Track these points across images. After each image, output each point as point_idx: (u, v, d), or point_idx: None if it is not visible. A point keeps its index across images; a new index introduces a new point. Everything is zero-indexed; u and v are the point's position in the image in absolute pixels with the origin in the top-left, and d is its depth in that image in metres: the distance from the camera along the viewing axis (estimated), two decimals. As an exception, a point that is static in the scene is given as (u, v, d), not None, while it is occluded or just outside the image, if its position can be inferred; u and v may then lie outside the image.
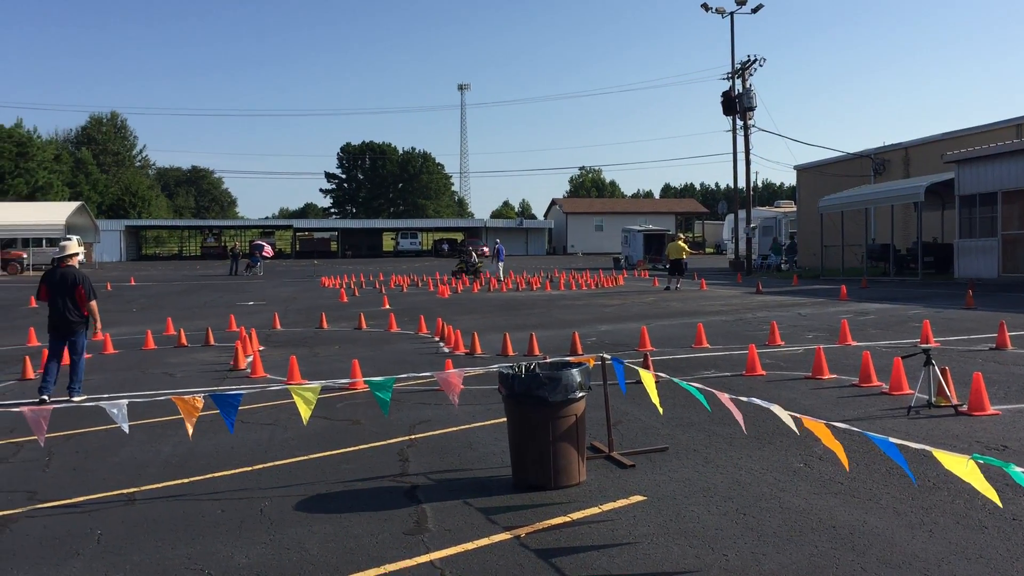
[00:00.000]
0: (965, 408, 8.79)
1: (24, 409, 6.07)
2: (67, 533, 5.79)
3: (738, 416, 6.02)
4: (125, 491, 6.78)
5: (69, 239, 11.57)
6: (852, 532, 5.40)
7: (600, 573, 4.88)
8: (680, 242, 32.39)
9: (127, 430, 6.24)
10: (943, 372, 9.05)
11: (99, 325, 11.14)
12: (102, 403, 6.13)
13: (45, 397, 10.24)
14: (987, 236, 30.42)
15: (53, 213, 55.07)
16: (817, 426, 5.31)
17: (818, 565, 4.88)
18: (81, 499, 6.58)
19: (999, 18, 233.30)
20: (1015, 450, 7.33)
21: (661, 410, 8.03)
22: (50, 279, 10.79)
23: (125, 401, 6.07)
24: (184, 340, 16.40)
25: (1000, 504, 4.89)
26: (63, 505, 6.45)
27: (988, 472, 4.43)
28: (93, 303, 10.91)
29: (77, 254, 11.16)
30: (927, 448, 4.75)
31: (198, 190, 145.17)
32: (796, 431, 5.91)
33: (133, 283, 40.89)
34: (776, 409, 5.68)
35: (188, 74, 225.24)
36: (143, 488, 6.85)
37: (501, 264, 39.73)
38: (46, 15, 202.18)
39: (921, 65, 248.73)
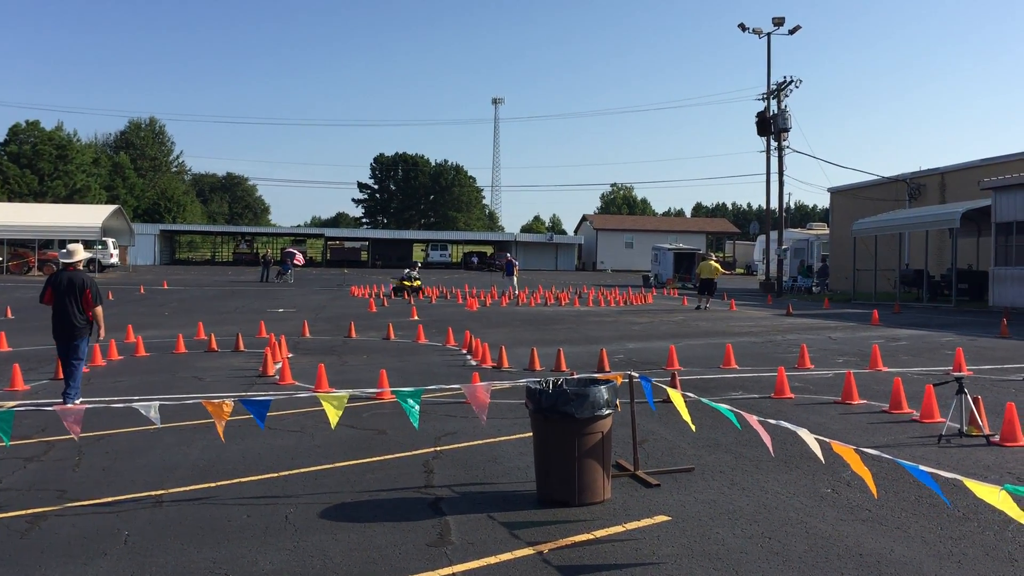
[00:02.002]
0: (997, 438, 8.66)
1: (58, 407, 6.17)
2: (95, 532, 5.85)
3: (766, 438, 5.98)
4: (153, 493, 6.85)
5: (76, 243, 11.42)
6: (879, 560, 5.34)
7: (623, 592, 4.86)
8: (712, 262, 32.13)
9: (159, 424, 6.30)
10: (975, 401, 8.93)
11: (103, 332, 10.88)
12: (135, 404, 6.21)
13: (70, 405, 10.15)
14: (1023, 264, 30.01)
15: (90, 216, 55.83)
16: (846, 451, 5.26)
17: (844, 592, 4.83)
18: (110, 499, 6.66)
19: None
20: (1048, 483, 7.21)
21: (694, 427, 7.99)
22: (56, 282, 10.51)
23: (157, 402, 6.14)
24: (214, 345, 16.55)
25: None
26: (92, 505, 6.53)
27: (1021, 504, 4.37)
28: (99, 308, 10.63)
29: (84, 259, 10.89)
30: (958, 477, 4.69)
31: (232, 197, 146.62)
32: (821, 459, 5.88)
33: (166, 287, 41.34)
34: (803, 433, 5.64)
35: (226, 82, 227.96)
36: (171, 491, 6.91)
37: (515, 278, 39.56)
38: (89, 20, 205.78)
39: (959, 90, 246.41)
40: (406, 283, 37.80)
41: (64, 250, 10.96)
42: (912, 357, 16.01)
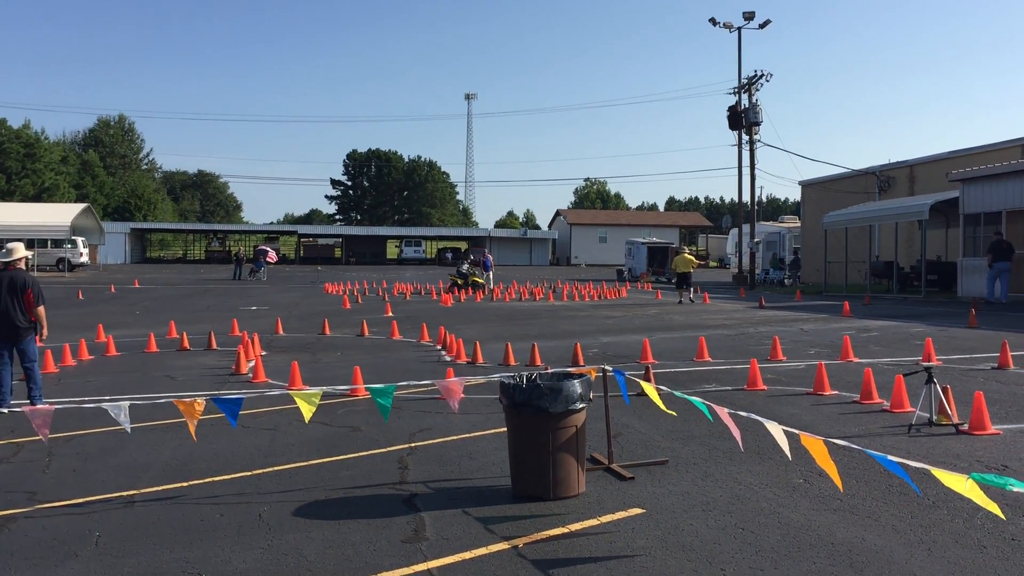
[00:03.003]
0: (966, 427, 8.77)
1: (26, 408, 6.10)
2: (66, 534, 5.79)
3: (736, 432, 6.02)
4: (125, 493, 6.78)
5: (16, 242, 11.00)
6: (850, 549, 5.39)
7: (597, 585, 4.88)
8: (687, 255, 32.23)
9: (129, 430, 6.25)
10: (945, 391, 9.04)
11: (45, 331, 10.51)
12: (104, 404, 6.14)
13: (4, 410, 9.79)
14: (991, 255, 30.36)
15: (59, 214, 55.11)
16: (814, 444, 5.31)
17: (816, 581, 4.88)
18: (80, 500, 6.59)
19: (1006, 38, 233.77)
20: (1015, 470, 7.32)
21: (674, 414, 8.01)
22: None
23: (127, 402, 6.08)
24: (186, 344, 16.42)
25: (1003, 516, 4.89)
26: (62, 506, 6.46)
27: (988, 492, 4.43)
28: (41, 308, 10.30)
29: (24, 257, 10.47)
30: (927, 467, 4.74)
31: (204, 194, 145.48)
32: (788, 454, 5.94)
33: (137, 285, 40.95)
34: (772, 427, 5.68)
35: (196, 79, 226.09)
36: (143, 491, 6.86)
37: (490, 274, 39.86)
38: (56, 17, 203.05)
39: (928, 83, 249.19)
40: (459, 280, 36.12)
41: (3, 249, 10.51)
42: (883, 348, 16.17)
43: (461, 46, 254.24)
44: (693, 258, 32.74)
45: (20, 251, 10.44)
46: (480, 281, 36.99)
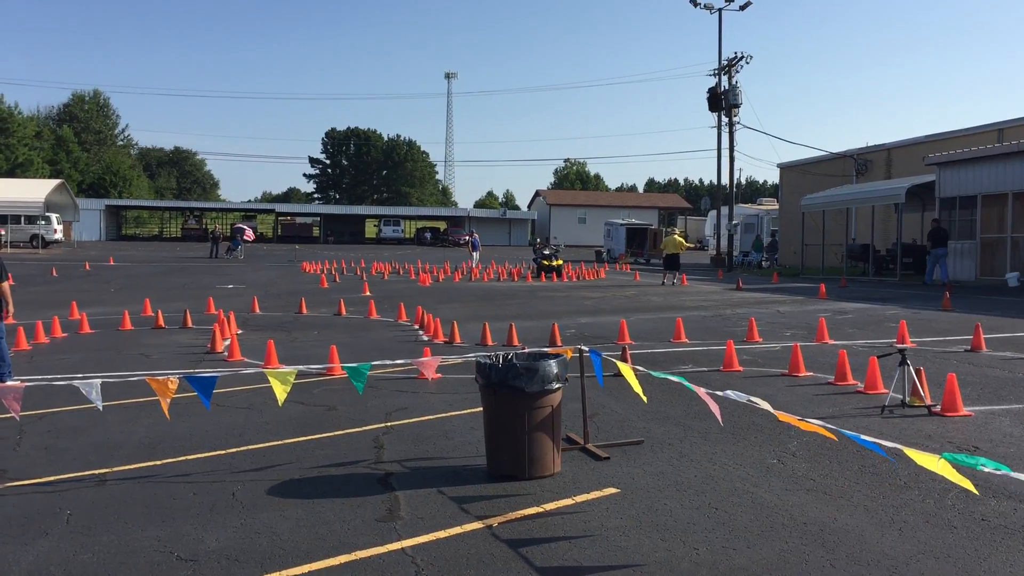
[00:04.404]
0: (938, 409, 8.85)
1: (-5, 386, 6.01)
2: (36, 512, 5.73)
3: (715, 408, 6.03)
4: (96, 471, 6.72)
5: None
6: (822, 529, 5.43)
7: (570, 564, 4.89)
8: (677, 236, 31.84)
9: (101, 408, 6.18)
10: (918, 372, 9.11)
11: (11, 308, 10.30)
12: (75, 382, 6.07)
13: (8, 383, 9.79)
14: (966, 239, 30.66)
15: (33, 190, 54.54)
16: (792, 419, 5.34)
17: (788, 561, 4.91)
18: (51, 478, 6.53)
19: (984, 23, 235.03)
20: (986, 451, 7.39)
21: (645, 399, 8.03)
22: None
23: (99, 380, 6.01)
24: (161, 322, 16.28)
25: (976, 492, 4.93)
26: (32, 484, 6.39)
27: (959, 471, 4.46)
28: (4, 284, 10.07)
29: None
30: (899, 447, 4.77)
31: (180, 171, 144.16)
32: (772, 410, 5.96)
33: (112, 263, 40.56)
34: (758, 399, 5.70)
35: (173, 54, 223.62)
36: (115, 469, 6.80)
37: (476, 254, 39.94)
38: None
39: (905, 67, 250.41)
40: (545, 263, 34.54)
41: None
42: (857, 330, 16.29)
43: (442, 25, 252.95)
44: (683, 240, 32.48)
45: None
46: (561, 263, 35.39)
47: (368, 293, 24.45)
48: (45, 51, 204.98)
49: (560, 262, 35.12)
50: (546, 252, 35.76)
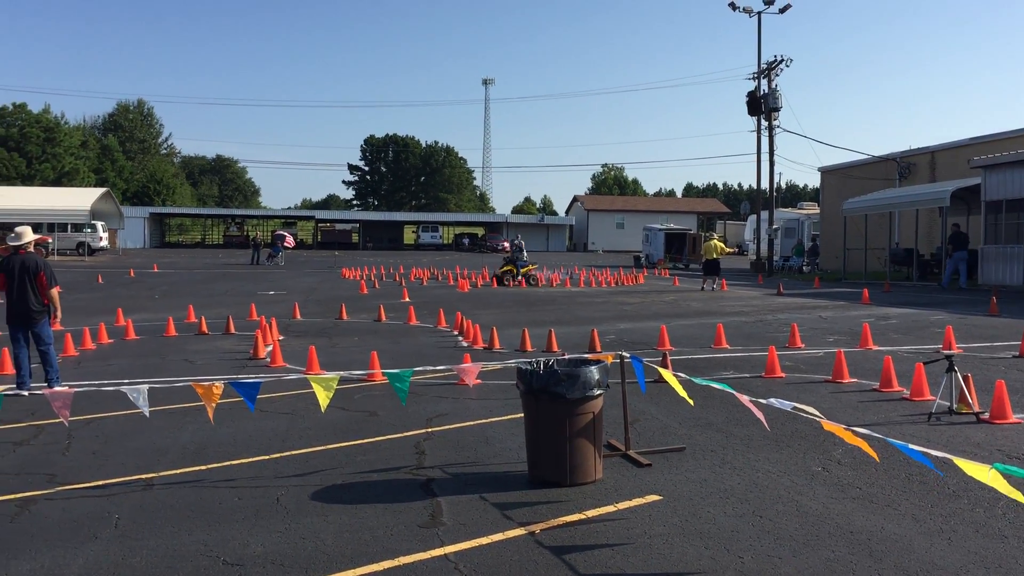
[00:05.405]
0: (987, 416, 8.69)
1: (46, 391, 6.13)
2: (85, 516, 5.83)
3: (759, 414, 5.97)
4: (143, 476, 6.82)
5: (24, 225, 10.95)
6: (870, 538, 5.35)
7: (614, 572, 4.86)
8: (716, 241, 31.59)
9: (148, 413, 6.28)
10: (965, 379, 8.96)
11: (59, 314, 10.60)
12: (123, 388, 6.17)
13: (24, 393, 9.78)
14: (1012, 243, 30.06)
15: (79, 199, 55.44)
16: (837, 428, 5.27)
17: (835, 570, 4.84)
18: (100, 483, 6.63)
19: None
20: (1037, 460, 7.25)
21: (692, 402, 7.97)
22: (7, 267, 10.21)
23: (146, 386, 6.10)
24: (205, 328, 16.49)
25: None
26: (82, 488, 6.50)
27: (1010, 483, 4.38)
28: (54, 290, 10.37)
29: (33, 240, 10.56)
30: (948, 456, 4.70)
31: (222, 179, 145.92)
32: (819, 415, 5.88)
33: (156, 270, 41.17)
34: (805, 406, 5.64)
35: (215, 64, 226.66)
36: (161, 473, 6.89)
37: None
38: (77, 2, 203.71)
39: (949, 68, 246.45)
40: (509, 268, 31.76)
41: (12, 233, 10.57)
42: (902, 336, 16.05)
43: (479, 31, 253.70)
44: (723, 244, 32.16)
45: (29, 235, 10.54)
46: (534, 272, 32.55)
47: (407, 299, 24.56)
48: (90, 62, 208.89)
49: (523, 270, 32.05)
50: (512, 254, 32.89)
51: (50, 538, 5.42)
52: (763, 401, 6.03)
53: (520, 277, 31.60)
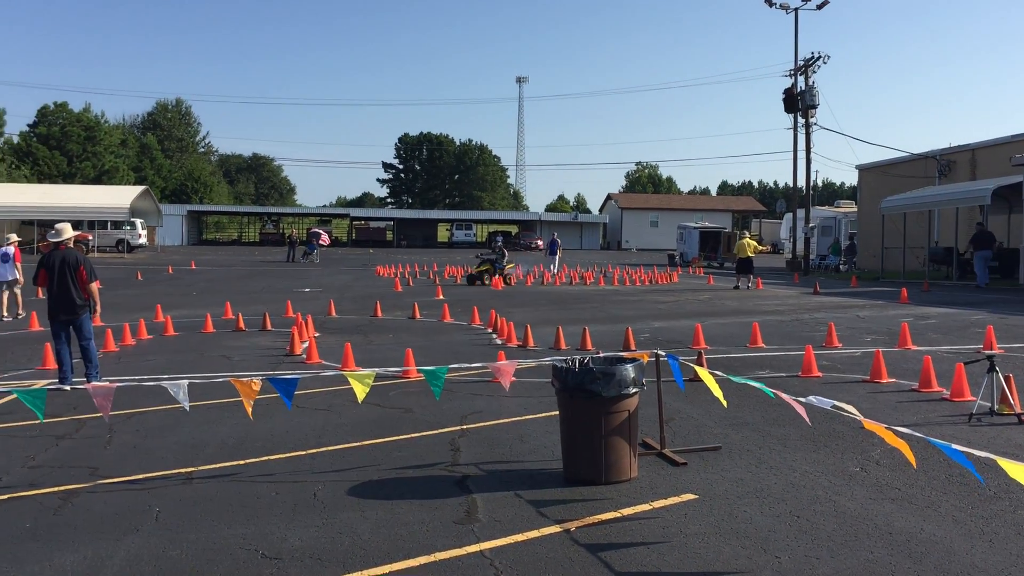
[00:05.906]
0: (1029, 417, 8.55)
1: (88, 386, 6.23)
2: (126, 509, 5.93)
3: (800, 410, 5.92)
4: (183, 470, 6.92)
5: (63, 222, 10.95)
6: (909, 539, 5.30)
7: (650, 570, 4.86)
8: (748, 239, 31.43)
9: (187, 408, 6.35)
10: (1007, 379, 8.82)
11: (99, 309, 10.77)
12: (164, 383, 6.26)
13: (66, 387, 9.81)
14: (1056, 242, 29.57)
15: (118, 197, 56.26)
16: (878, 427, 5.22)
17: (874, 572, 4.80)
18: (140, 476, 6.74)
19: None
20: (1081, 462, 7.12)
21: (725, 403, 7.94)
22: (48, 262, 10.35)
23: (186, 381, 6.18)
24: (242, 324, 16.66)
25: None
26: (123, 482, 6.61)
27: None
28: (94, 285, 10.50)
29: (72, 236, 10.70)
30: (990, 456, 4.63)
31: (258, 177, 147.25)
32: (859, 416, 5.82)
33: (194, 267, 41.65)
34: (844, 405, 5.58)
35: (252, 63, 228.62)
36: (200, 468, 6.98)
37: (556, 258, 39.83)
38: (116, 1, 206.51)
39: (990, 64, 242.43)
40: (482, 267, 31.17)
41: (52, 230, 10.76)
42: (942, 335, 15.84)
43: (513, 29, 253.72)
44: (755, 243, 31.98)
45: (68, 231, 10.73)
46: (509, 272, 31.66)
47: (441, 297, 24.64)
48: (130, 61, 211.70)
49: (511, 267, 31.42)
50: (490, 254, 31.95)
51: (92, 530, 5.51)
52: (802, 400, 5.98)
53: (497, 276, 30.98)
